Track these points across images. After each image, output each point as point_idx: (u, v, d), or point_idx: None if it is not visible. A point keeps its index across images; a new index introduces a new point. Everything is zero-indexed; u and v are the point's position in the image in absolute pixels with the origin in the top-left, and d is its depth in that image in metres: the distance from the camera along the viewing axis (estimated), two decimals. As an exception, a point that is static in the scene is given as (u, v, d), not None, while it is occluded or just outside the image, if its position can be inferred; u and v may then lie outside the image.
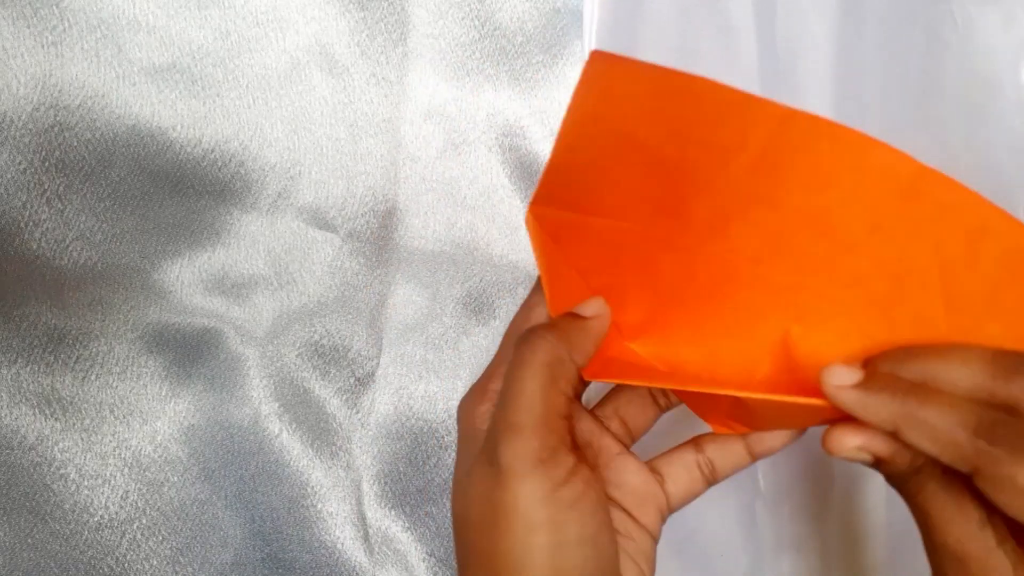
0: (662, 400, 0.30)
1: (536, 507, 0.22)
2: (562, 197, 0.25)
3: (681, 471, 0.28)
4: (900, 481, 0.24)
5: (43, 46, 0.32)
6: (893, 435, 0.22)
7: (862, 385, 0.23)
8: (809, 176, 0.23)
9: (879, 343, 0.24)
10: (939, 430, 0.21)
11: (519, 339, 0.25)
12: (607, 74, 0.23)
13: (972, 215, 0.22)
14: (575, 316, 0.26)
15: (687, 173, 0.24)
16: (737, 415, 0.26)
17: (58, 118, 0.33)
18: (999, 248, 0.22)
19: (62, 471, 0.34)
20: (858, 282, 0.24)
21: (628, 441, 0.29)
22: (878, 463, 0.24)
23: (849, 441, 0.23)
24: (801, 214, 0.23)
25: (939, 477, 0.23)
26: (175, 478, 0.36)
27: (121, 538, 0.35)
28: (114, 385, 0.35)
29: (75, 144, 0.33)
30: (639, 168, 0.24)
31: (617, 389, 0.30)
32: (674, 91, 0.23)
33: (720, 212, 0.24)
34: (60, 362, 0.34)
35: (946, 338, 0.23)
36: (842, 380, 0.23)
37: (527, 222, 0.25)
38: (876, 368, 0.23)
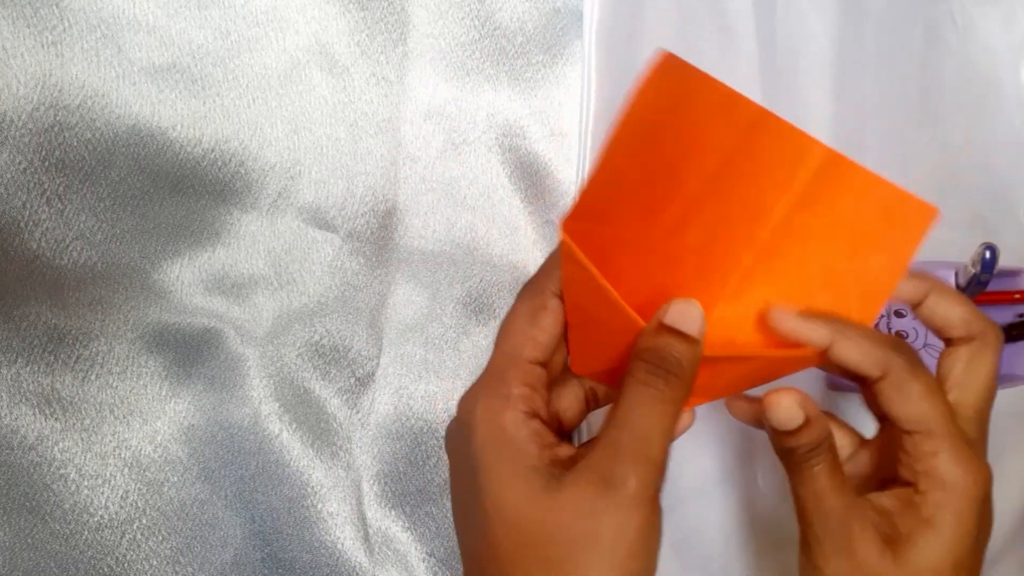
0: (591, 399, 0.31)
1: (651, 534, 0.25)
2: (599, 209, 0.28)
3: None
4: (800, 457, 0.28)
5: (43, 46, 0.32)
6: (823, 355, 0.27)
7: (802, 314, 0.27)
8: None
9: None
10: (863, 343, 0.27)
11: (657, 369, 0.26)
12: (676, 80, 0.26)
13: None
14: (687, 337, 0.27)
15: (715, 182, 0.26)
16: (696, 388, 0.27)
17: (58, 118, 0.33)
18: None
19: (62, 471, 0.34)
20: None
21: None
22: (783, 436, 0.28)
23: (786, 400, 0.27)
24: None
25: (829, 456, 0.28)
26: (175, 478, 0.36)
27: (121, 538, 0.35)
28: (114, 385, 0.35)
29: (75, 144, 0.33)
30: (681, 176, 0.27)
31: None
32: (732, 109, 0.26)
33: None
34: (60, 362, 0.34)
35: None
36: (786, 313, 0.27)
37: (564, 240, 0.27)
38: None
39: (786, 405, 0.27)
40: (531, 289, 0.29)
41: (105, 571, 0.35)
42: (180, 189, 0.35)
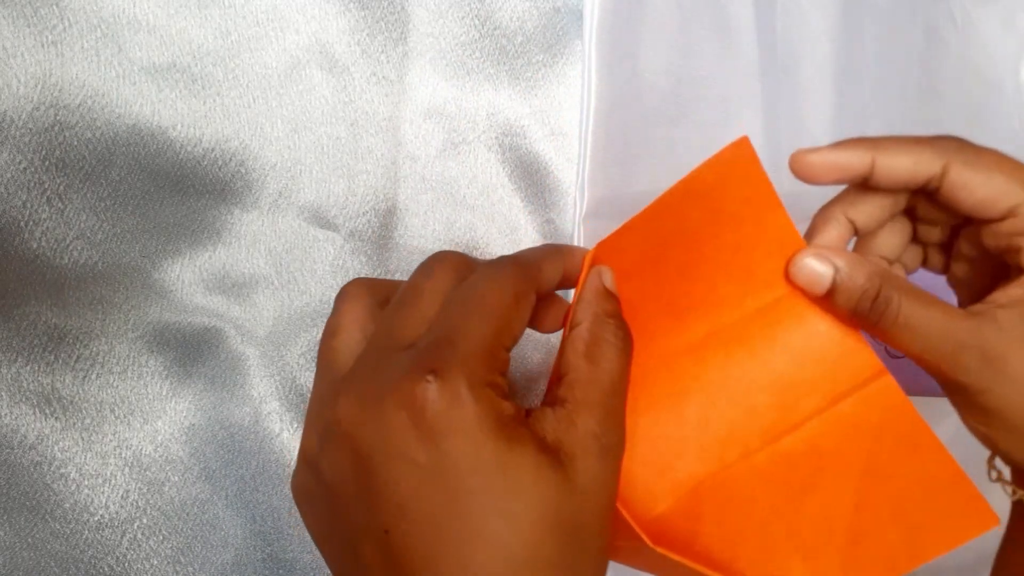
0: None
1: None
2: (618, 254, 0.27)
3: None
4: (866, 312, 0.25)
5: (43, 45, 0.32)
6: (867, 174, 0.25)
7: (832, 146, 0.25)
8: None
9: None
10: (907, 145, 0.25)
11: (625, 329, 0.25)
12: (740, 164, 0.26)
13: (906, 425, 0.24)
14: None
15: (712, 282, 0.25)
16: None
17: (58, 117, 0.33)
18: (919, 464, 0.24)
19: (62, 470, 0.34)
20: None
21: None
22: (834, 292, 0.25)
23: (814, 263, 0.24)
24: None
25: (902, 288, 0.25)
26: (176, 477, 0.36)
27: (121, 537, 0.35)
28: (115, 384, 0.35)
29: (75, 143, 0.33)
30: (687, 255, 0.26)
31: None
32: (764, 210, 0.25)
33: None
34: (60, 361, 0.34)
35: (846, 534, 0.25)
36: (817, 150, 0.26)
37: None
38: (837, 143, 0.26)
39: (806, 265, 0.24)
40: (515, 271, 0.26)
41: (105, 571, 0.35)
42: (180, 188, 0.35)
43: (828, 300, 0.25)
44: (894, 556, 0.24)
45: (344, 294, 0.27)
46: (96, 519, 0.35)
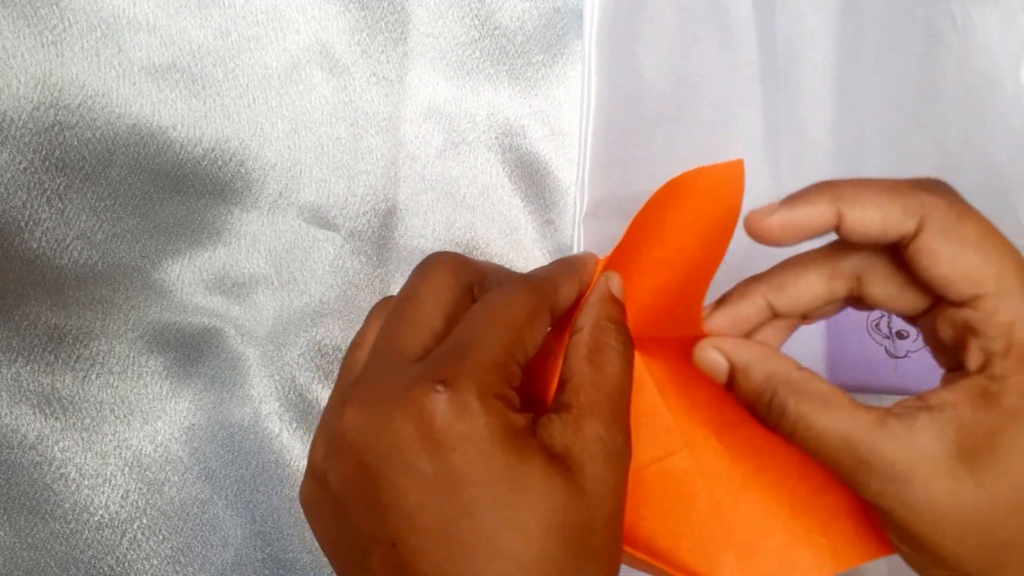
0: None
1: None
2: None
3: None
4: (763, 416, 0.23)
5: (43, 46, 0.32)
6: (834, 228, 0.22)
7: (789, 201, 0.22)
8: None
9: None
10: (878, 196, 0.21)
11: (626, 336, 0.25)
12: (721, 191, 0.25)
13: None
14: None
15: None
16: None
17: (58, 117, 0.33)
18: None
19: (62, 470, 0.34)
20: None
21: None
22: (731, 386, 0.24)
23: (712, 355, 0.24)
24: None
25: (801, 392, 0.22)
26: (176, 478, 0.36)
27: (121, 537, 0.35)
28: (114, 384, 0.35)
29: (75, 143, 0.33)
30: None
31: None
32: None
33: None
34: (60, 361, 0.34)
35: None
36: (765, 212, 0.22)
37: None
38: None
39: (704, 355, 0.23)
40: (531, 290, 0.25)
41: (105, 570, 0.35)
42: (180, 189, 0.35)
43: (729, 392, 0.24)
44: (822, 561, 0.24)
45: (373, 311, 0.27)
46: (96, 519, 0.35)
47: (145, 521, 0.35)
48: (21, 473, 0.34)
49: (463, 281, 0.25)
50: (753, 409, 0.23)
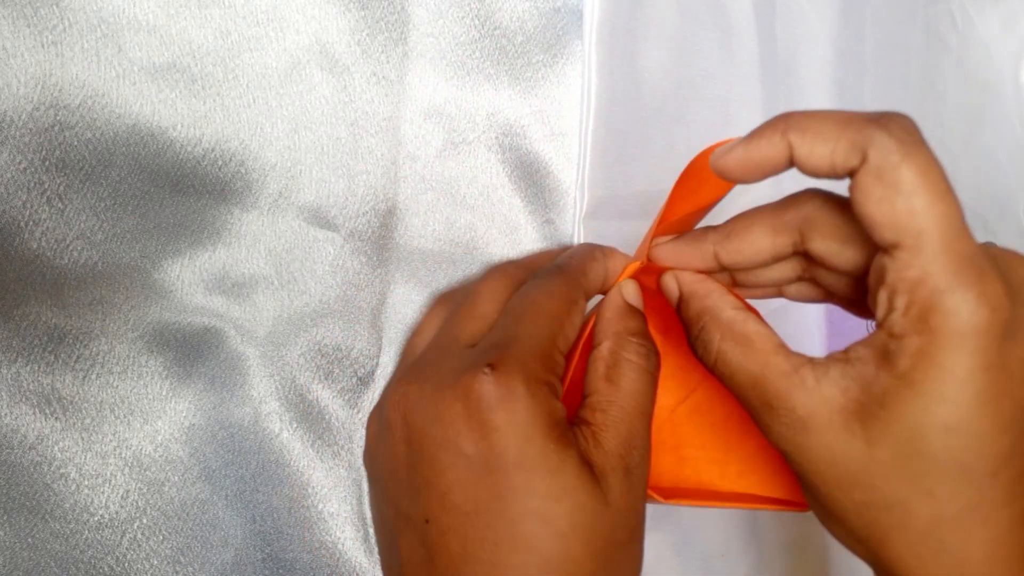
0: None
1: None
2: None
3: None
4: (695, 346, 0.24)
5: (43, 46, 0.32)
6: (788, 156, 0.21)
7: (747, 137, 0.22)
8: None
9: None
10: (825, 126, 0.20)
11: (652, 353, 0.25)
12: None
13: None
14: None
15: None
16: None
17: (58, 118, 0.32)
18: None
19: (62, 470, 0.34)
20: None
21: None
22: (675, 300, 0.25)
23: (667, 280, 0.25)
24: None
25: (724, 326, 0.23)
26: (176, 478, 0.36)
27: (121, 538, 0.35)
28: (115, 384, 0.35)
29: (75, 144, 0.33)
30: None
31: None
32: None
33: None
34: (60, 361, 0.34)
35: None
36: (726, 150, 0.23)
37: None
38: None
39: (663, 280, 0.25)
40: (567, 282, 0.26)
41: (105, 571, 0.35)
42: (180, 189, 0.35)
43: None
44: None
45: (433, 301, 0.28)
46: (96, 519, 0.35)
47: (145, 521, 0.35)
48: (21, 473, 0.34)
49: (518, 279, 0.26)
50: (687, 338, 0.25)
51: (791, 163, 0.22)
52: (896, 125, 0.20)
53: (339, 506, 0.38)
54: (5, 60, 0.31)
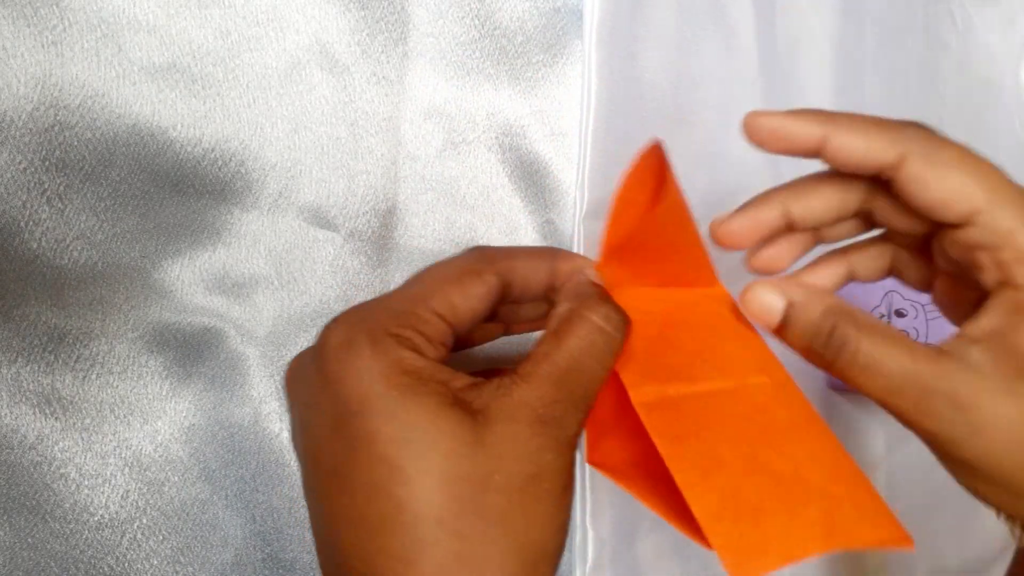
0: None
1: (573, 484, 0.24)
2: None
3: None
4: (821, 350, 0.23)
5: (43, 46, 0.32)
6: (818, 150, 0.23)
7: (787, 112, 0.24)
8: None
9: None
10: (864, 126, 0.22)
11: (615, 315, 0.24)
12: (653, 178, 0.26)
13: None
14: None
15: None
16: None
17: (58, 118, 0.32)
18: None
19: (62, 470, 0.34)
20: None
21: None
22: (786, 326, 0.24)
23: (766, 295, 0.24)
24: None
25: (862, 325, 0.23)
26: (175, 478, 0.36)
27: (121, 537, 0.35)
28: (114, 384, 0.35)
29: (75, 144, 0.33)
30: None
31: None
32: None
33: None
34: (60, 362, 0.34)
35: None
36: (766, 117, 0.24)
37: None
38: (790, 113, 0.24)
39: (757, 296, 0.24)
40: (476, 255, 0.25)
41: (105, 571, 0.35)
42: (180, 189, 0.35)
43: (780, 334, 0.24)
44: (813, 534, 0.23)
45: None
46: (96, 519, 0.35)
47: (145, 521, 0.35)
48: (21, 473, 0.34)
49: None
50: (809, 345, 0.23)
51: (816, 150, 0.23)
52: (922, 125, 0.22)
53: (339, 506, 0.38)
54: (5, 60, 0.31)
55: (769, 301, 0.24)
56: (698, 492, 0.22)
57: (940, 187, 0.22)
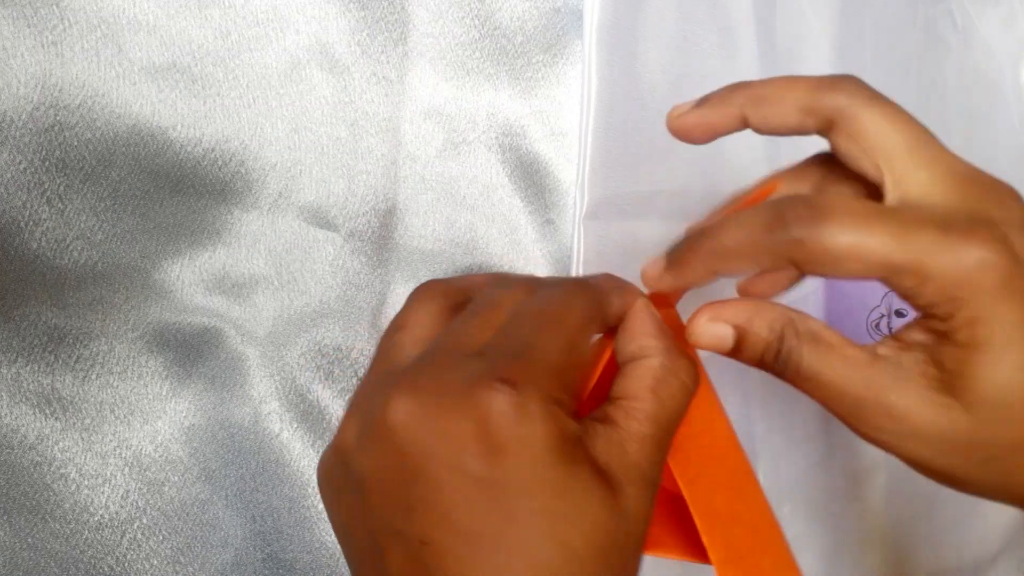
0: None
1: None
2: None
3: None
4: (772, 365, 0.24)
5: (43, 46, 0.32)
6: (741, 123, 0.24)
7: (704, 100, 0.25)
8: None
9: None
10: (786, 99, 0.23)
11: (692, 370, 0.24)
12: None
13: None
14: None
15: None
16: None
17: (58, 118, 0.32)
18: None
19: (62, 471, 0.34)
20: None
21: None
22: (739, 349, 0.25)
23: (714, 327, 0.24)
24: None
25: (803, 335, 0.23)
26: (175, 478, 0.36)
27: (121, 538, 0.35)
28: (114, 385, 0.35)
29: (75, 144, 0.33)
30: None
31: None
32: None
33: None
34: (60, 362, 0.34)
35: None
36: (683, 110, 0.25)
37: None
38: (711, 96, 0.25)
39: (704, 330, 0.24)
40: (589, 295, 0.25)
41: (105, 571, 0.35)
42: (180, 189, 0.35)
43: (735, 357, 0.24)
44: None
45: (418, 293, 0.26)
46: (96, 519, 0.35)
47: (145, 521, 0.35)
48: (21, 473, 0.34)
49: (527, 290, 0.25)
50: (761, 361, 0.24)
51: (745, 125, 0.24)
52: (854, 85, 0.23)
53: (339, 506, 0.38)
54: (5, 60, 0.31)
55: (718, 332, 0.25)
56: (714, 537, 0.23)
57: (839, 275, 0.22)
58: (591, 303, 0.24)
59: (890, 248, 0.21)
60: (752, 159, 0.46)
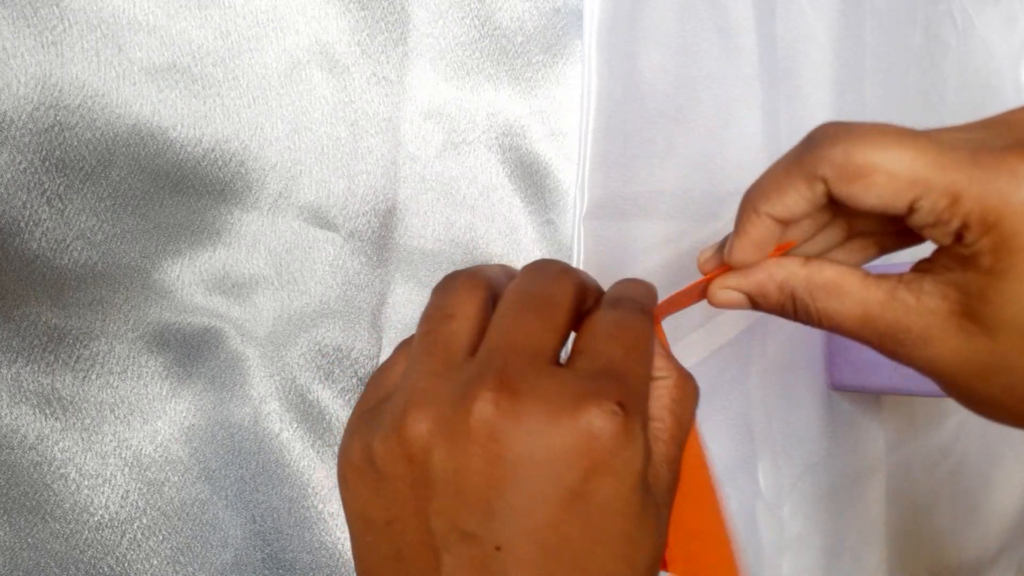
0: None
1: None
2: None
3: None
4: (793, 317, 0.26)
5: (43, 46, 0.32)
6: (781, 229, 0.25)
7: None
8: None
9: None
10: (782, 184, 0.24)
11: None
12: None
13: None
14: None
15: None
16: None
17: (58, 118, 0.32)
18: None
19: (62, 471, 0.34)
20: None
21: None
22: (756, 307, 0.27)
23: (727, 293, 0.26)
24: None
25: (815, 288, 0.25)
26: (175, 478, 0.36)
27: (121, 538, 0.35)
28: (114, 385, 0.35)
29: (75, 144, 0.33)
30: None
31: None
32: None
33: None
34: (60, 362, 0.34)
35: None
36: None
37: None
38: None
39: (722, 296, 0.26)
40: (649, 319, 0.26)
41: (105, 571, 0.35)
42: (180, 189, 0.35)
43: (756, 309, 0.26)
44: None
45: (461, 280, 0.25)
46: (96, 519, 0.35)
47: (145, 521, 0.35)
48: (21, 473, 0.34)
49: (593, 288, 0.26)
50: (781, 314, 0.26)
51: (786, 223, 0.25)
52: (827, 140, 0.23)
53: (339, 506, 0.38)
54: (5, 60, 0.31)
55: (731, 296, 0.26)
56: (676, 553, 0.25)
57: (872, 195, 0.22)
58: (650, 328, 0.25)
59: (923, 163, 0.21)
60: (752, 159, 0.46)
